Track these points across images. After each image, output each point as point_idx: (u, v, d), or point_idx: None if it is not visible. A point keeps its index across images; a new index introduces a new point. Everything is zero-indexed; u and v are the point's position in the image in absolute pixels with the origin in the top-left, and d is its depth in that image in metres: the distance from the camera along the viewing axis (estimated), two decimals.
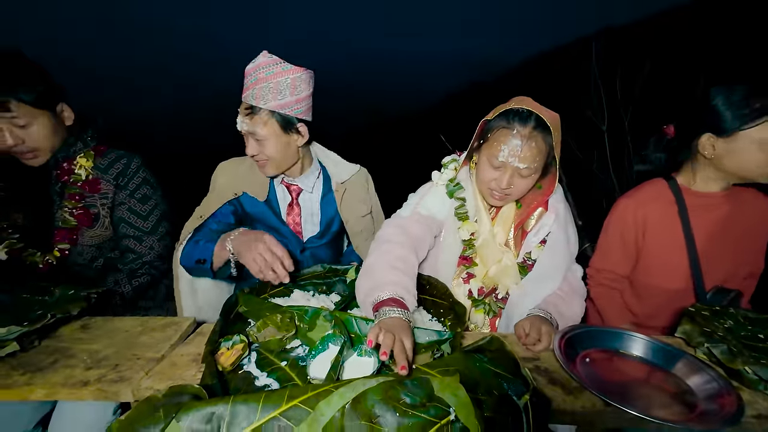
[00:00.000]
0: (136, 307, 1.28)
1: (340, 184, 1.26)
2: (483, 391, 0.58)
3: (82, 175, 1.17)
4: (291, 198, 1.24)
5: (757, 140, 0.99)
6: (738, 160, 1.03)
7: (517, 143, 0.91)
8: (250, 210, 1.23)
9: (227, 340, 0.74)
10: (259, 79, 1.03)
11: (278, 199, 1.24)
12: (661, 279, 1.19)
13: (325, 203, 1.27)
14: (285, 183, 1.24)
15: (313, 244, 1.27)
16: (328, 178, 1.28)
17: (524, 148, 0.91)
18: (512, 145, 0.91)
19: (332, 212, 1.27)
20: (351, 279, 1.06)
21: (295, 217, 1.25)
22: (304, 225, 1.26)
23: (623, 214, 1.21)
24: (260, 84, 1.03)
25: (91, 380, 0.69)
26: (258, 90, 1.03)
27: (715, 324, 0.77)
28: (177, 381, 0.69)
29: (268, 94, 1.03)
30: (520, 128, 0.91)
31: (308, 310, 0.81)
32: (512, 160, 0.92)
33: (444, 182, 1.09)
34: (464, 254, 1.07)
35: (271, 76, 1.03)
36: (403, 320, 0.75)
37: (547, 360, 0.78)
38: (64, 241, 1.15)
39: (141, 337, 0.84)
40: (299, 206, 1.25)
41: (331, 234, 1.29)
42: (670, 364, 0.74)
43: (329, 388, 0.50)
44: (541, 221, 1.04)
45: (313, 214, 1.26)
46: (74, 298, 0.88)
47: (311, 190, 1.25)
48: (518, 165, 0.92)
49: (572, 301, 1.03)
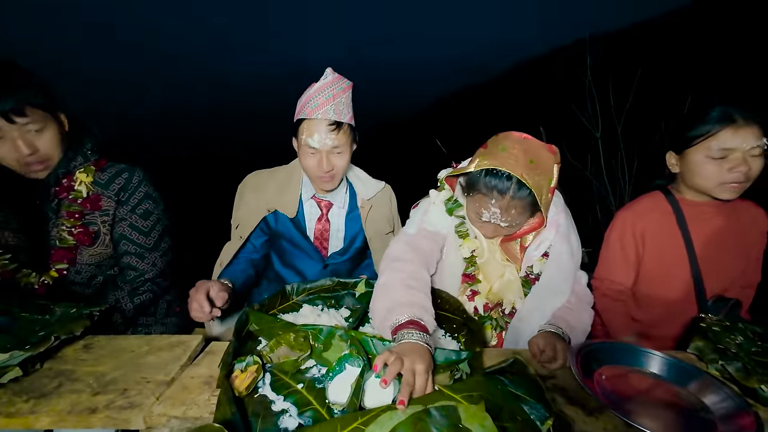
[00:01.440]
0: (137, 323, 1.24)
1: (366, 200, 1.27)
2: (507, 417, 0.58)
3: (82, 191, 1.10)
4: (321, 213, 1.24)
5: (703, 157, 1.07)
6: (691, 176, 1.12)
7: (496, 212, 0.92)
8: (275, 227, 1.23)
9: (240, 361, 0.72)
10: (335, 94, 1.07)
11: (305, 215, 1.24)
12: (663, 289, 1.21)
13: (350, 219, 1.27)
14: (316, 199, 1.24)
15: (335, 260, 1.27)
16: (354, 194, 1.28)
17: (504, 214, 0.92)
18: (492, 212, 0.92)
19: (357, 229, 1.27)
20: (360, 293, 1.05)
21: (324, 232, 1.25)
22: (331, 241, 1.26)
23: (622, 227, 1.24)
24: (337, 99, 1.07)
25: (100, 407, 0.66)
26: (336, 105, 1.07)
27: (727, 340, 0.78)
28: (190, 406, 0.67)
29: (345, 108, 1.09)
30: (499, 198, 0.90)
31: (322, 329, 0.79)
32: (495, 220, 0.94)
33: (442, 201, 1.09)
34: (466, 272, 1.06)
35: (341, 92, 1.08)
36: (420, 345, 0.72)
37: (563, 378, 0.78)
38: (62, 261, 1.09)
39: (148, 357, 0.81)
40: (329, 221, 1.25)
41: (354, 250, 1.29)
42: (686, 381, 0.75)
43: (357, 425, 0.49)
44: (540, 236, 1.03)
45: (339, 230, 1.26)
46: (77, 317, 0.85)
47: (342, 205, 1.26)
48: (502, 225, 0.94)
49: (581, 312, 1.04)
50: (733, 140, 1.03)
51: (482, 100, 3.48)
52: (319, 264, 1.25)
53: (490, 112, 2.07)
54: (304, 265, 1.26)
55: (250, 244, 1.24)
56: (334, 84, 1.08)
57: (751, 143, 1.02)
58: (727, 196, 1.09)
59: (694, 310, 1.17)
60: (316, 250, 1.25)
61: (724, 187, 1.07)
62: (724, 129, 1.04)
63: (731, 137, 1.03)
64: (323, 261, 1.26)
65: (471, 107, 9.73)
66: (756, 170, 1.05)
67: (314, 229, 1.24)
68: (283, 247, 1.26)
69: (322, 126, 1.06)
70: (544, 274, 1.02)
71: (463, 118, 5.69)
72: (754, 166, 1.04)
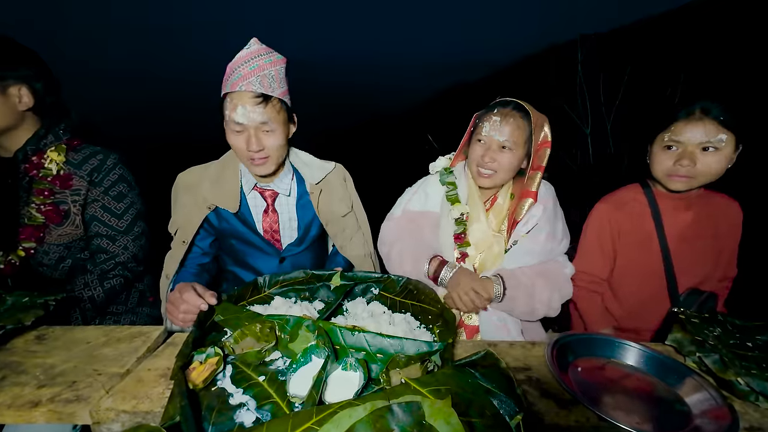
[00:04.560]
0: (107, 312, 1.19)
1: (315, 185, 1.18)
2: (475, 411, 0.55)
3: (52, 169, 1.08)
4: (267, 204, 1.15)
5: (658, 147, 1.10)
6: (651, 166, 1.14)
7: (497, 119, 1.07)
8: (219, 225, 1.13)
9: (200, 353, 0.68)
10: (261, 66, 0.96)
11: (250, 209, 1.15)
12: (636, 281, 1.21)
13: (300, 207, 1.19)
14: (258, 189, 1.15)
15: (291, 252, 1.19)
16: (302, 179, 1.20)
17: (502, 123, 1.06)
18: (492, 121, 1.08)
19: (310, 216, 1.20)
20: (335, 285, 1.01)
21: (273, 224, 1.16)
22: (282, 232, 1.18)
23: (599, 218, 1.23)
24: (263, 71, 0.96)
25: (43, 400, 0.62)
26: (262, 78, 0.96)
27: (705, 332, 0.76)
28: (142, 400, 0.63)
29: (274, 82, 0.99)
30: (501, 109, 1.09)
31: (289, 319, 0.75)
32: (493, 134, 1.07)
33: (439, 169, 1.24)
34: (456, 232, 1.14)
35: (269, 65, 0.98)
36: (463, 269, 1.05)
37: (539, 370, 0.75)
38: (30, 240, 1.06)
39: (104, 349, 0.76)
40: (276, 212, 1.16)
41: (310, 239, 1.21)
42: (662, 374, 0.73)
43: (311, 425, 0.45)
44: (530, 212, 1.11)
45: (291, 220, 1.18)
46: (28, 306, 0.80)
47: (288, 193, 1.17)
48: (498, 138, 1.07)
49: (540, 284, 1.07)
50: (682, 133, 1.04)
51: (474, 97, 3.49)
52: (274, 258, 1.17)
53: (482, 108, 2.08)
54: (259, 261, 1.17)
55: (196, 248, 1.15)
56: (260, 55, 0.97)
57: (699, 138, 1.02)
58: (674, 187, 1.10)
59: (667, 303, 1.17)
60: (269, 244, 1.16)
61: (671, 178, 1.09)
62: (679, 121, 1.05)
63: (681, 129, 1.04)
64: (279, 255, 1.18)
65: (463, 104, 9.74)
66: (707, 166, 1.04)
67: (262, 222, 1.15)
68: (233, 246, 1.17)
69: (246, 98, 0.96)
70: (517, 244, 1.11)
71: (455, 115, 5.65)
72: (703, 161, 1.03)
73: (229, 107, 0.98)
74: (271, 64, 0.98)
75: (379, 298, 0.97)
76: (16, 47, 1.03)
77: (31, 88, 1.04)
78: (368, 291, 0.99)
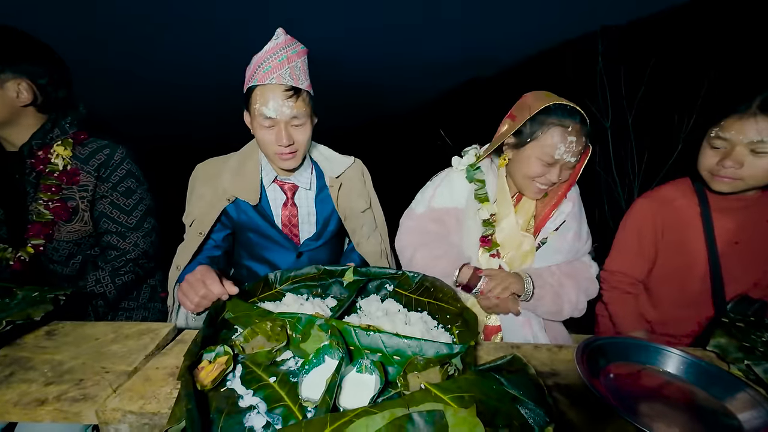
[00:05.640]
0: (119, 308, 1.19)
1: (335, 179, 1.16)
2: (502, 421, 0.50)
3: (59, 164, 1.06)
4: (286, 197, 1.13)
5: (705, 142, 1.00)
6: (698, 162, 1.03)
7: (573, 140, 0.93)
8: (237, 218, 1.12)
9: (209, 351, 0.65)
10: (290, 57, 0.93)
11: (269, 202, 1.13)
12: (677, 285, 1.12)
13: (320, 201, 1.16)
14: (278, 182, 1.13)
15: (309, 247, 1.17)
16: (321, 173, 1.17)
17: (576, 143, 0.94)
18: (568, 142, 0.93)
19: (329, 210, 1.17)
20: (348, 281, 0.98)
21: (291, 218, 1.14)
22: (301, 226, 1.15)
23: (642, 214, 1.14)
24: (292, 63, 0.93)
25: (50, 398, 0.60)
26: (292, 69, 0.93)
27: (753, 338, 0.70)
28: (149, 400, 0.60)
29: (301, 74, 0.96)
30: (573, 124, 0.93)
31: (301, 318, 0.72)
32: (566, 156, 0.95)
33: (464, 167, 1.12)
34: (484, 235, 1.08)
35: (295, 56, 0.94)
36: (498, 271, 1.01)
37: (567, 376, 0.70)
38: (39, 237, 1.06)
39: (112, 346, 0.74)
40: (296, 206, 1.14)
41: (328, 234, 1.19)
42: (705, 383, 0.67)
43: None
44: (559, 209, 1.07)
45: (310, 214, 1.16)
46: (38, 301, 0.79)
47: (309, 186, 1.15)
48: (570, 159, 0.95)
49: (564, 279, 1.04)
50: (731, 129, 0.93)
51: (490, 93, 3.37)
52: (292, 253, 1.15)
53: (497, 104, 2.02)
54: (276, 256, 1.15)
55: (210, 240, 1.12)
56: (288, 46, 0.93)
57: (750, 136, 0.90)
58: (716, 188, 1.00)
59: (710, 310, 1.08)
60: (286, 239, 1.14)
61: (714, 177, 0.99)
62: (730, 116, 0.93)
63: (731, 125, 0.93)
64: (296, 249, 1.15)
65: (478, 99, 9.58)
66: (756, 168, 0.92)
67: (281, 216, 1.13)
68: (251, 239, 1.15)
69: (278, 92, 0.93)
70: (546, 244, 1.07)
71: (470, 111, 5.49)
72: (751, 162, 0.92)
73: (258, 101, 0.94)
74: (297, 55, 0.95)
75: (394, 295, 0.93)
76: (18, 42, 1.00)
77: (34, 84, 1.02)
78: (382, 288, 0.95)
